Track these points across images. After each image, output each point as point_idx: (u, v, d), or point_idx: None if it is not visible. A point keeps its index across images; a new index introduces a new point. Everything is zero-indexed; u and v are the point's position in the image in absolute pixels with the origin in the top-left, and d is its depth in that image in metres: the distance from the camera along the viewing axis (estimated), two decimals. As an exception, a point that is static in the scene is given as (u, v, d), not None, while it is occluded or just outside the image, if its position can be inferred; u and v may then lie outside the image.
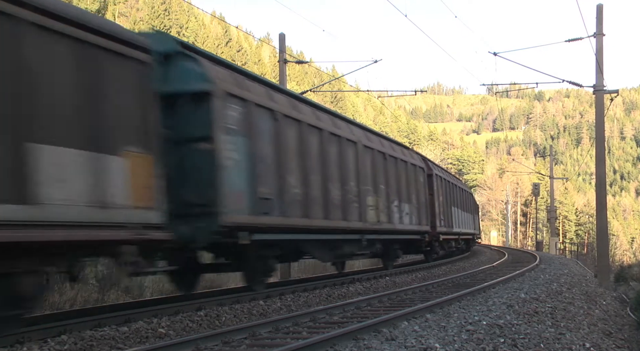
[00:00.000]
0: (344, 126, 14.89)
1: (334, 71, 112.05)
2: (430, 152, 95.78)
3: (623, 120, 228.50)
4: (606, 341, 8.79)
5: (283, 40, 20.63)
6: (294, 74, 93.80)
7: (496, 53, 21.29)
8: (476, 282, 14.22)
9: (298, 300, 11.06)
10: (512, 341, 6.78)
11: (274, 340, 6.92)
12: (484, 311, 8.87)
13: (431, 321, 7.97)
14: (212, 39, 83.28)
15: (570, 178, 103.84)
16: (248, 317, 9.29)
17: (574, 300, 11.92)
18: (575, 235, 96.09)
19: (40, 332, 6.96)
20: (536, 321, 8.39)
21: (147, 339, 7.49)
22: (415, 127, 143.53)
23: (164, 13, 77.07)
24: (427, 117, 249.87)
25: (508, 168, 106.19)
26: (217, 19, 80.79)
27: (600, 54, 20.44)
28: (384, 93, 31.39)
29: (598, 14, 20.47)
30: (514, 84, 43.38)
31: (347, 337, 6.65)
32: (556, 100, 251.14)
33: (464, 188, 33.07)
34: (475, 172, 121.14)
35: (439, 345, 6.33)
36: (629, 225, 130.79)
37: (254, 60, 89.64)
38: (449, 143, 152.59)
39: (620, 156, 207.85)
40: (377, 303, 10.48)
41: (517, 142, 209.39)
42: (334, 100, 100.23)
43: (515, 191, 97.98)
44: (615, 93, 21.29)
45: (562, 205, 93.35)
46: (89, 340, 6.97)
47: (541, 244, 58.87)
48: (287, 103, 12.10)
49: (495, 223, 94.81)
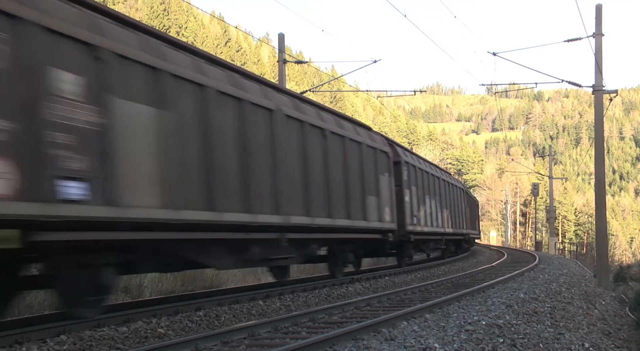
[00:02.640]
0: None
1: (333, 71, 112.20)
2: (430, 152, 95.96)
3: (622, 120, 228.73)
4: (605, 341, 8.79)
5: (282, 40, 20.63)
6: (294, 73, 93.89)
7: (495, 53, 21.28)
8: (475, 282, 14.22)
9: (297, 300, 11.07)
10: (511, 341, 6.78)
11: (273, 340, 6.91)
12: (483, 311, 8.87)
13: (430, 321, 7.97)
14: (212, 39, 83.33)
15: (569, 178, 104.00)
16: (247, 317, 9.29)
17: (573, 300, 11.92)
18: (575, 235, 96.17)
19: (39, 332, 6.95)
20: (535, 321, 8.39)
21: (146, 339, 7.48)
22: (415, 127, 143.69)
23: (163, 13, 77.14)
24: (427, 117, 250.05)
25: (507, 168, 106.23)
26: (216, 19, 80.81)
27: (599, 54, 20.44)
28: (383, 93, 31.39)
29: (597, 14, 20.48)
30: (513, 84, 43.30)
31: (346, 337, 6.65)
32: (555, 100, 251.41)
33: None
34: (474, 172, 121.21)
35: (438, 344, 6.33)
36: (628, 225, 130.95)
37: (253, 60, 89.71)
38: (448, 144, 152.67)
39: (619, 156, 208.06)
40: (377, 303, 10.47)
41: (517, 142, 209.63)
42: (333, 100, 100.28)
43: (515, 191, 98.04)
44: (614, 93, 21.30)
45: (561, 205, 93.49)
46: (88, 340, 6.97)
47: (540, 244, 58.92)
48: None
49: (494, 223, 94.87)
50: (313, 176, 12.55)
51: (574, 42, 21.20)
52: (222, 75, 10.10)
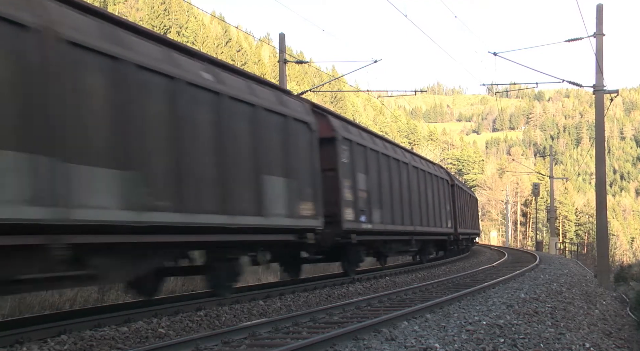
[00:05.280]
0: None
1: (334, 71, 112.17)
2: (430, 151, 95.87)
3: (623, 120, 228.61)
4: (606, 341, 8.78)
5: (283, 40, 20.62)
6: (294, 74, 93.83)
7: (496, 53, 21.25)
8: (476, 282, 14.21)
9: (298, 300, 11.07)
10: (512, 341, 6.78)
11: (274, 340, 6.91)
12: (484, 311, 8.87)
13: (431, 321, 7.97)
14: (212, 39, 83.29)
15: (570, 178, 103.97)
16: (248, 317, 9.29)
17: (573, 300, 11.91)
18: (575, 235, 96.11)
19: (40, 332, 6.96)
20: (536, 321, 8.39)
21: (147, 339, 7.48)
22: (415, 127, 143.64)
23: (163, 13, 77.12)
24: (427, 117, 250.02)
25: (508, 168, 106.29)
26: (216, 19, 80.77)
27: (600, 53, 20.43)
28: (384, 93, 31.30)
29: (598, 14, 20.46)
30: (513, 83, 43.40)
31: (347, 337, 6.65)
32: (556, 100, 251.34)
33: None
34: (475, 172, 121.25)
35: (439, 345, 6.32)
36: (629, 225, 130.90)
37: (253, 60, 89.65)
38: (449, 143, 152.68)
39: (620, 156, 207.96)
40: (377, 303, 10.47)
41: (517, 142, 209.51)
42: (334, 100, 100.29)
43: (515, 191, 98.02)
44: (615, 93, 21.28)
45: (562, 205, 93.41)
46: (89, 340, 6.97)
47: (541, 244, 58.90)
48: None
49: (495, 223, 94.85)
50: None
51: (574, 42, 21.18)
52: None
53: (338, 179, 14.13)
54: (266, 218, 10.81)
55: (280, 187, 11.39)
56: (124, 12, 72.33)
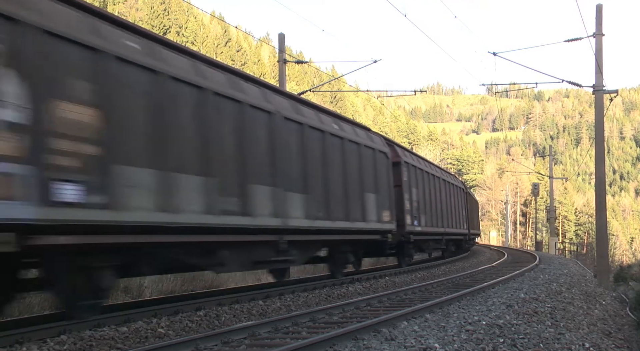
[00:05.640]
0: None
1: (334, 71, 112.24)
2: (430, 152, 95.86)
3: (622, 120, 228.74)
4: (606, 341, 8.78)
5: (282, 40, 20.62)
6: (294, 73, 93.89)
7: (496, 53, 21.27)
8: (476, 282, 14.21)
9: (297, 300, 11.06)
10: (512, 341, 6.78)
11: (274, 340, 6.91)
12: (484, 311, 8.87)
13: (431, 321, 7.96)
14: (212, 39, 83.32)
15: (569, 178, 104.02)
16: (247, 317, 9.29)
17: (573, 300, 11.91)
18: (575, 235, 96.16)
19: (40, 332, 6.96)
20: (536, 321, 8.39)
21: (147, 339, 7.48)
22: (415, 127, 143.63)
23: (163, 13, 77.11)
24: (427, 117, 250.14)
25: (507, 168, 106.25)
26: (216, 19, 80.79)
27: (599, 53, 20.45)
28: (384, 93, 31.31)
29: (597, 14, 20.48)
30: (513, 83, 43.36)
31: (346, 337, 6.65)
32: (556, 100, 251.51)
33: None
34: (474, 172, 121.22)
35: (439, 344, 6.32)
36: (629, 225, 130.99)
37: (253, 60, 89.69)
38: (449, 143, 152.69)
39: (619, 156, 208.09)
40: (377, 303, 10.47)
41: (517, 142, 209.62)
42: (334, 100, 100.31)
43: (515, 191, 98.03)
44: (614, 93, 21.30)
45: (561, 205, 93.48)
46: (88, 340, 6.97)
47: (541, 244, 58.92)
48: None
49: (494, 223, 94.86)
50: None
51: (574, 42, 21.20)
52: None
53: (402, 193, 18.69)
54: (367, 223, 15.02)
55: (372, 200, 15.58)
56: (123, 12, 72.40)
